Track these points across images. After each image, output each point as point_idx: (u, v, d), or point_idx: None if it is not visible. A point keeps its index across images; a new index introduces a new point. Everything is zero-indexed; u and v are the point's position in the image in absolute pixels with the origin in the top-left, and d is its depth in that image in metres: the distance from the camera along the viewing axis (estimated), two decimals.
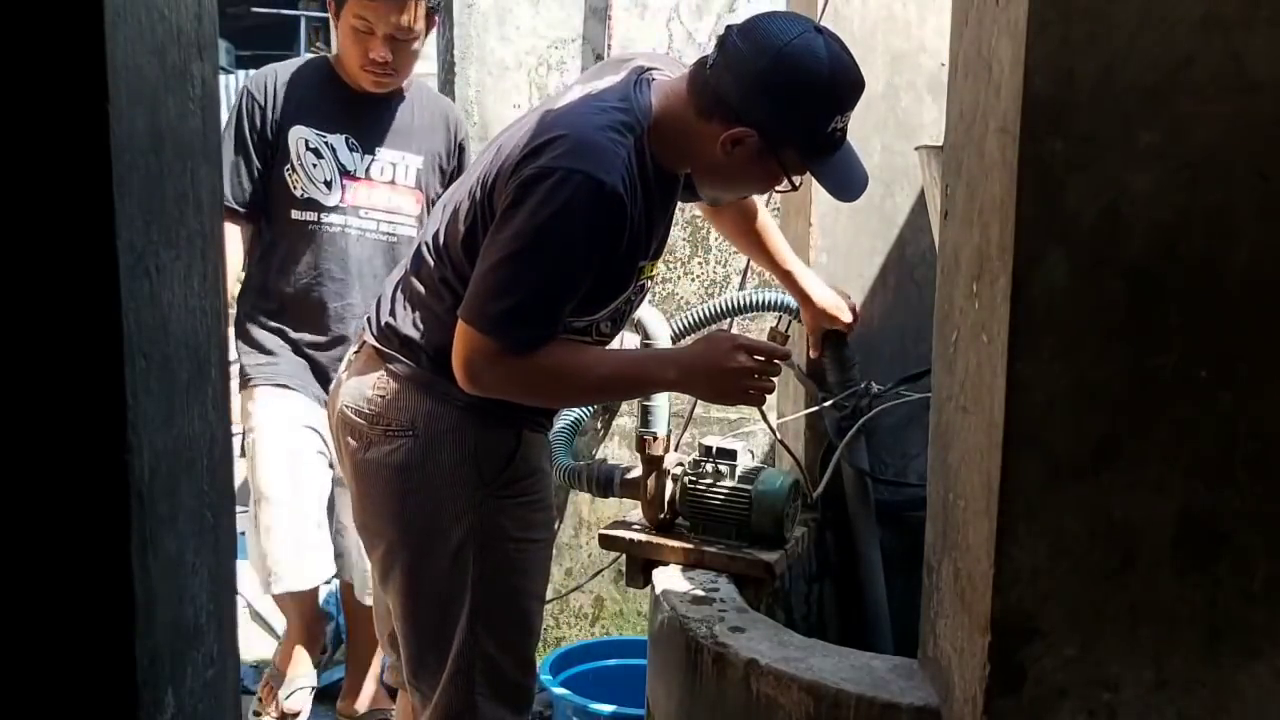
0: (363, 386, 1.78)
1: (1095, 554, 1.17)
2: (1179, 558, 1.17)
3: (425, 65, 3.58)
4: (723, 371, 1.65)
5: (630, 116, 1.63)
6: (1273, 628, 1.18)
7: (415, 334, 1.75)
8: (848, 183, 1.69)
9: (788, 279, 2.10)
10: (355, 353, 1.86)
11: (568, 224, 1.54)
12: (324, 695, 2.89)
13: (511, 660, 1.81)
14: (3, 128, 0.74)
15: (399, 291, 1.80)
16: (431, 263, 1.74)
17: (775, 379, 1.71)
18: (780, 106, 1.58)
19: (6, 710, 0.81)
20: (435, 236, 1.75)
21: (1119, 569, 1.17)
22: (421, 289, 1.75)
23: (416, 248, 1.81)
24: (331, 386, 1.93)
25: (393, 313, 1.79)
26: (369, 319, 1.85)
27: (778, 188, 1.72)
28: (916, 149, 2.13)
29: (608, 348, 1.88)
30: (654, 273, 1.82)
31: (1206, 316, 1.13)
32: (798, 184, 1.70)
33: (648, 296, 1.98)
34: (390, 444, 1.75)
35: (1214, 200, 1.11)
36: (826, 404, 2.20)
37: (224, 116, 2.38)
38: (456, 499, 1.74)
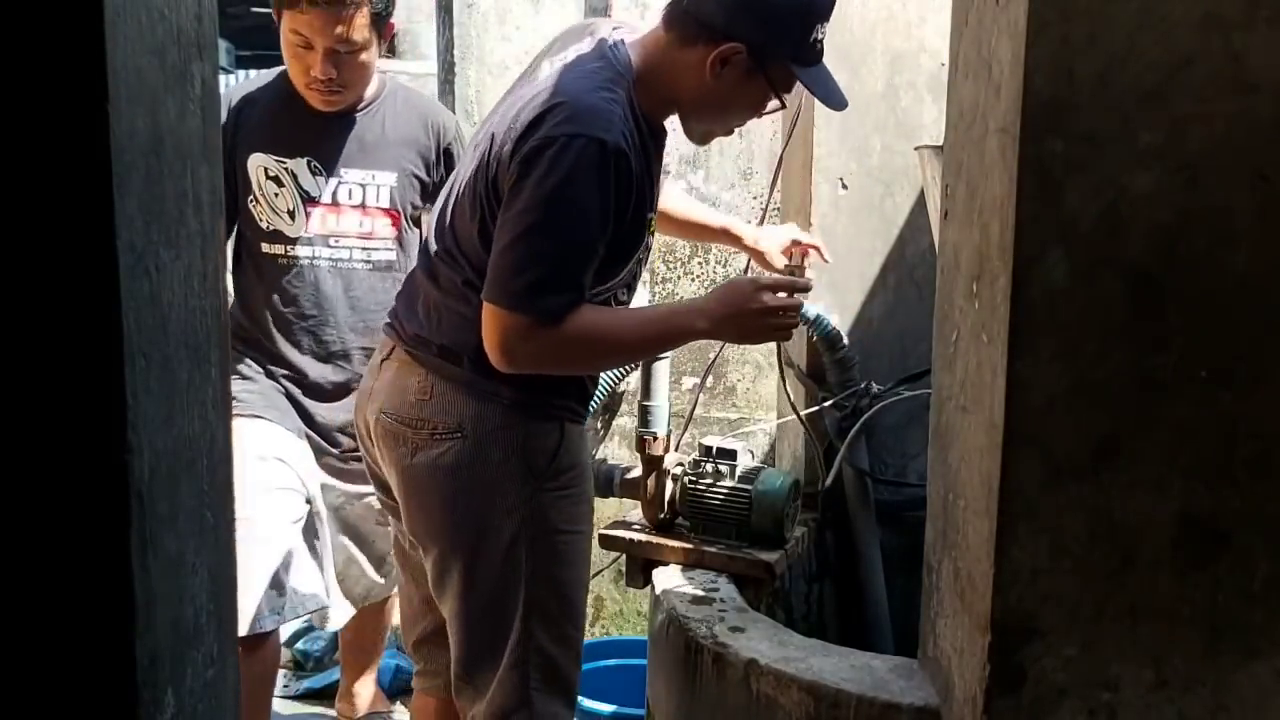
0: (403, 393, 1.77)
1: (1095, 554, 1.17)
2: (1179, 558, 1.17)
3: (425, 65, 3.58)
4: (748, 313, 1.69)
5: (613, 71, 1.67)
6: (1273, 628, 1.18)
7: (450, 340, 1.75)
8: (834, 93, 1.73)
9: (728, 238, 2.12)
10: (384, 360, 1.84)
11: (576, 189, 1.56)
12: (323, 695, 2.89)
13: (564, 652, 1.82)
14: (3, 127, 0.74)
15: (419, 301, 1.79)
16: (448, 268, 1.74)
17: (799, 314, 1.75)
18: (763, 18, 1.63)
19: (7, 710, 0.81)
20: (444, 240, 1.75)
21: (1119, 569, 1.17)
22: (445, 296, 1.75)
23: (426, 255, 1.80)
24: (358, 397, 1.91)
25: (418, 323, 1.78)
26: (394, 328, 1.83)
27: (766, 110, 1.76)
28: (916, 149, 2.13)
29: (631, 308, 1.90)
30: (654, 228, 1.85)
31: (1206, 316, 1.13)
32: (785, 102, 1.75)
33: (648, 294, 1.98)
34: (439, 446, 1.74)
35: (1214, 200, 1.11)
36: (826, 404, 2.20)
37: (224, 117, 2.34)
38: (507, 495, 1.75)
